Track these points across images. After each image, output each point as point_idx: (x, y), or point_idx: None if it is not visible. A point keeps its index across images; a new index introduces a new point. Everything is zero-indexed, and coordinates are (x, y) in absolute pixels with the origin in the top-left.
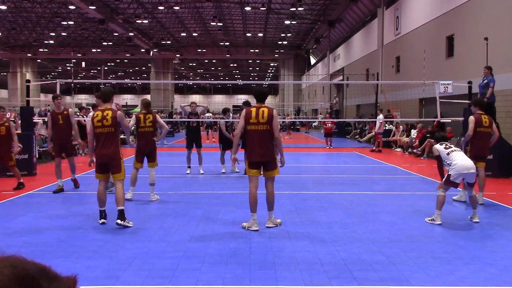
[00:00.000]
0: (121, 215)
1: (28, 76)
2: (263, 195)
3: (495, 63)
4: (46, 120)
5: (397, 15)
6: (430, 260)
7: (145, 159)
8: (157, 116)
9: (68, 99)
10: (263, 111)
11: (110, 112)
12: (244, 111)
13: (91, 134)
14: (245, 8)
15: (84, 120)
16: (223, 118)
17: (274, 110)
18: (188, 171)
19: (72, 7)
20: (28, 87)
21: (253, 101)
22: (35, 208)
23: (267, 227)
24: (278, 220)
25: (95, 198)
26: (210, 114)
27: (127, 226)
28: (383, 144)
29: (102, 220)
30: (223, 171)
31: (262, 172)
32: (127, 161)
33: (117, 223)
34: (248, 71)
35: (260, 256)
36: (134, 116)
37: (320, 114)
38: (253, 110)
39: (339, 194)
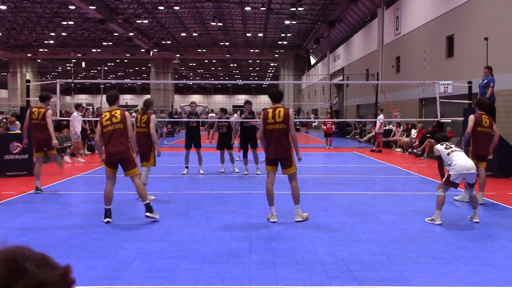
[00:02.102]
0: (149, 208)
1: (28, 76)
2: (282, 194)
3: (495, 63)
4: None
5: (397, 15)
6: (430, 260)
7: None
8: (151, 117)
9: (68, 99)
10: (279, 111)
11: (118, 111)
12: (262, 113)
13: (98, 134)
14: (245, 8)
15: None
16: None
17: (290, 109)
18: (184, 171)
19: (72, 7)
20: (28, 87)
21: (253, 100)
22: (35, 208)
23: (296, 221)
24: (305, 214)
25: (95, 198)
26: (214, 115)
27: (155, 218)
28: (383, 144)
29: (107, 219)
30: (222, 170)
31: (281, 169)
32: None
33: (146, 216)
34: (248, 71)
35: (260, 256)
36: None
37: (312, 114)
38: (270, 111)
39: (339, 194)
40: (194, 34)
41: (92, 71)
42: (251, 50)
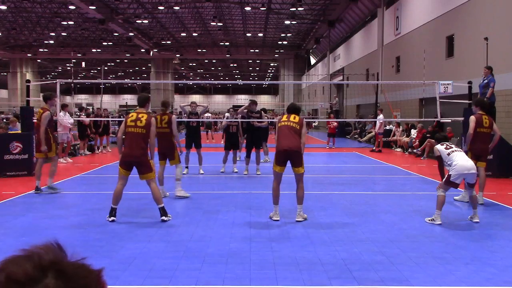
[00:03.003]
0: (163, 212)
1: (28, 76)
2: (282, 195)
3: (495, 63)
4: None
5: (397, 15)
6: (430, 260)
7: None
8: (173, 117)
9: (68, 99)
10: (295, 116)
11: (145, 116)
12: (279, 118)
13: (121, 132)
14: (245, 8)
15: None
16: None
17: (304, 120)
18: (184, 171)
19: (72, 7)
20: (28, 87)
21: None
22: (35, 208)
23: (296, 220)
24: (305, 215)
25: (95, 199)
26: (210, 115)
27: (169, 219)
28: (383, 144)
29: (112, 218)
30: (222, 170)
31: (292, 168)
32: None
33: (162, 220)
34: (248, 71)
35: (260, 256)
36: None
37: (309, 114)
38: (286, 115)
39: (339, 194)
40: (194, 34)
41: (92, 71)
42: (251, 50)
